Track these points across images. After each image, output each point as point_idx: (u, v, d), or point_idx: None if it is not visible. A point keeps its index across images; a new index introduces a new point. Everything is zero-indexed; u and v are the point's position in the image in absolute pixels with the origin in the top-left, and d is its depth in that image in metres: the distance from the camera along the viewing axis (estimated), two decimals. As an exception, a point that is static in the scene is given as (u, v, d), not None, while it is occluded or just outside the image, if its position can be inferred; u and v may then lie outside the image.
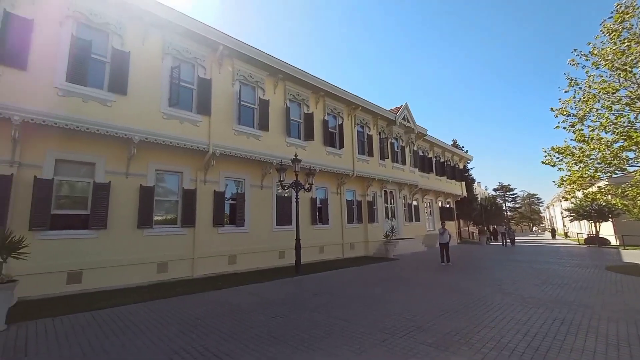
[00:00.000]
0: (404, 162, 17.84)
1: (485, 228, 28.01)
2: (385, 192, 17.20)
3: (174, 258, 8.60)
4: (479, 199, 33.33)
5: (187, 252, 8.90)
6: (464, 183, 26.89)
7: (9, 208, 6.24)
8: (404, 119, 17.58)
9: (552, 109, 10.69)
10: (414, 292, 7.06)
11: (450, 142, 28.61)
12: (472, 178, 32.52)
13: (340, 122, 14.22)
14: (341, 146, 13.89)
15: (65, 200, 7.28)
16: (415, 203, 19.96)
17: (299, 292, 7.04)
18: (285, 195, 11.85)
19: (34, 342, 4.13)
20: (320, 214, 13.19)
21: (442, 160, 23.49)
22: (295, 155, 10.15)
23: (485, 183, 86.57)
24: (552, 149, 10.91)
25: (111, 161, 7.85)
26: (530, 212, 68.85)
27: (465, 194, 26.65)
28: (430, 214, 22.60)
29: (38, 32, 6.76)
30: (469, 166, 31.39)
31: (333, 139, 13.88)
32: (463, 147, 31.15)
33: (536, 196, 69.78)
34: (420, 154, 20.54)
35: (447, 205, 24.89)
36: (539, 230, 64.87)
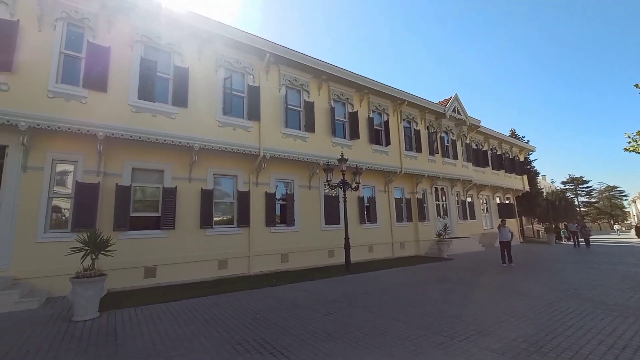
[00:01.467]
0: (455, 157, 16.85)
1: (554, 226, 25.21)
2: (436, 189, 16.43)
3: (232, 256, 9.24)
4: (545, 194, 30.12)
5: (243, 250, 9.49)
6: (525, 177, 24.45)
7: (97, 211, 7.28)
8: (454, 110, 16.59)
9: (637, 85, 9.27)
10: (472, 294, 6.66)
11: (507, 133, 26.34)
12: (535, 171, 29.46)
13: (385, 119, 13.94)
14: (387, 143, 13.60)
15: (140, 204, 8.26)
16: (469, 200, 18.74)
17: (350, 291, 7.08)
18: (333, 194, 11.97)
19: (121, 328, 4.76)
20: (368, 212, 13.08)
21: (498, 152, 21.68)
22: (342, 155, 10.22)
23: (552, 176, 77.97)
24: (639, 133, 9.47)
25: (177, 168, 8.72)
26: (610, 207, 60.24)
27: (527, 188, 24.25)
28: (487, 211, 21.01)
29: (114, 58, 7.75)
30: (531, 158, 28.55)
31: (379, 136, 13.66)
32: (523, 137, 28.43)
33: (618, 189, 60.87)
34: (474, 147, 19.20)
35: (507, 202, 22.91)
36: (623, 228, 56.11)
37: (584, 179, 55.54)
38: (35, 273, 6.54)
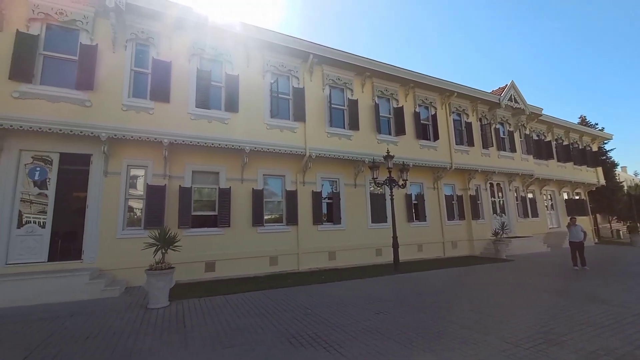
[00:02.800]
0: (513, 149, 15.49)
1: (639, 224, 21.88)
2: (491, 184, 15.29)
3: (282, 253, 9.62)
4: (625, 188, 26.29)
5: (292, 247, 9.82)
6: (599, 169, 21.51)
7: (165, 211, 8.09)
8: (510, 99, 15.25)
9: None
10: (537, 298, 6.11)
11: (576, 120, 23.47)
12: (613, 162, 25.73)
13: (433, 113, 13.33)
14: (435, 138, 12.99)
15: (199, 203, 8.99)
16: (530, 196, 17.11)
17: (400, 290, 6.94)
18: (379, 192, 11.81)
19: (188, 316, 5.24)
20: (416, 210, 12.65)
21: (565, 142, 19.43)
22: (387, 152, 10.03)
23: (636, 167, 67.70)
24: None
25: (230, 169, 9.32)
26: None
27: (602, 182, 21.33)
28: (552, 208, 18.95)
29: (175, 71, 8.52)
30: (607, 147, 25.07)
31: (426, 131, 13.12)
32: (596, 124, 25.09)
33: None
34: (535, 137, 17.47)
35: (576, 197, 20.43)
36: None
37: (677, 169, 47.33)
38: (116, 265, 7.48)
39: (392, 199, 9.94)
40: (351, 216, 11.11)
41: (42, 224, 7.08)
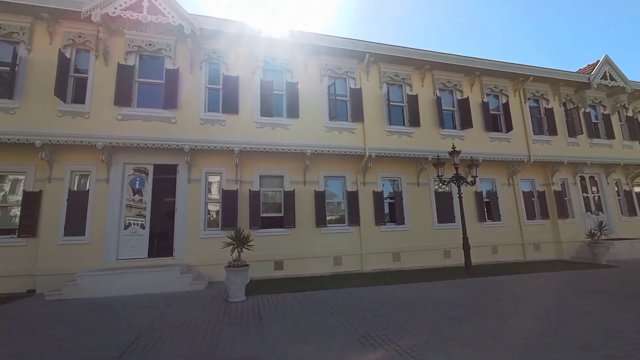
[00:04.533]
0: (609, 136, 13.20)
1: None
2: (582, 177, 13.24)
3: (345, 253, 9.73)
4: None
5: (355, 248, 9.86)
6: None
7: (238, 213, 8.85)
8: (604, 77, 13.00)
9: None
10: (655, 313, 5.10)
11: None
12: None
13: (504, 101, 12.10)
14: (508, 129, 11.77)
15: (267, 206, 9.62)
16: (638, 190, 14.33)
17: (475, 295, 6.46)
18: (445, 190, 11.16)
19: (263, 311, 5.64)
20: (488, 209, 11.62)
21: (686, 123, 15.79)
22: (453, 147, 9.44)
23: None
24: None
25: (293, 172, 9.78)
26: None
27: None
28: (670, 203, 15.56)
29: (242, 84, 9.27)
30: None
31: (496, 122, 11.98)
32: None
33: None
34: (640, 120, 14.61)
35: None
36: None
37: None
38: (200, 262, 8.43)
39: (460, 198, 9.31)
40: (415, 216, 10.70)
41: (142, 225, 8.35)
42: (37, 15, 7.93)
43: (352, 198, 10.17)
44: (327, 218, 9.92)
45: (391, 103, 10.70)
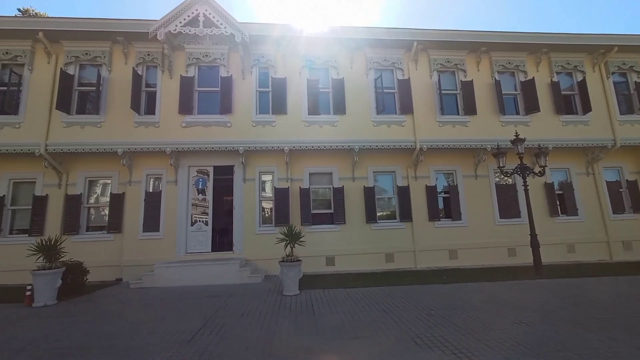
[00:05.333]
0: None
1: None
2: (689, 163, 11.01)
3: (397, 250, 9.50)
4: None
5: (408, 244, 9.56)
6: None
7: (289, 210, 9.19)
8: None
9: None
10: None
11: None
12: None
13: (579, 79, 10.59)
14: (586, 110, 10.28)
15: (317, 202, 9.81)
16: None
17: (546, 299, 5.83)
18: (508, 183, 10.21)
19: (316, 305, 5.80)
20: (562, 202, 10.33)
21: None
22: (516, 135, 8.57)
23: None
24: None
25: (342, 169, 9.81)
26: None
27: None
28: None
29: (289, 84, 9.56)
30: None
31: (570, 103, 10.58)
32: None
33: None
34: None
35: None
36: None
37: None
38: (257, 256, 8.95)
39: (526, 190, 8.42)
40: (473, 211, 9.98)
41: (205, 222, 9.14)
42: (115, 40, 9.11)
43: (403, 193, 9.86)
44: (378, 214, 9.76)
45: (443, 91, 10.08)
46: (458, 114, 10.11)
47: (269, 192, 9.60)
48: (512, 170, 8.61)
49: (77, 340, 4.31)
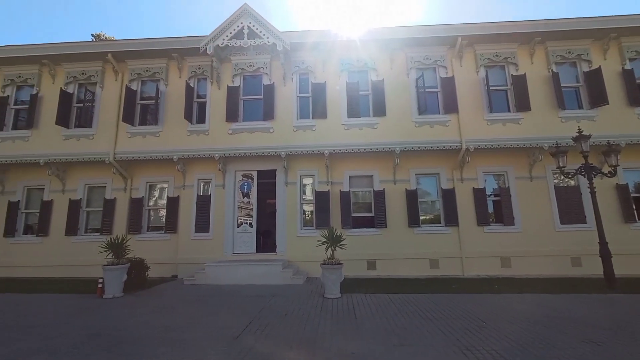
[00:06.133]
0: None
1: None
2: None
3: (442, 256, 9.07)
4: None
5: (454, 250, 9.08)
6: None
7: (330, 213, 9.26)
8: None
9: None
10: None
11: None
12: None
13: (660, 65, 9.25)
14: (669, 100, 8.95)
15: (357, 205, 9.76)
16: None
17: (621, 316, 5.16)
18: (570, 184, 9.25)
19: (358, 309, 5.75)
20: (638, 206, 9.08)
21: None
22: (579, 131, 7.74)
23: None
24: None
25: (382, 172, 9.66)
26: None
27: None
28: None
29: (329, 89, 9.68)
30: None
31: (648, 93, 9.27)
32: None
33: None
34: None
35: None
36: None
37: None
38: (299, 258, 9.14)
39: (593, 193, 7.54)
40: (528, 215, 9.19)
41: (250, 224, 9.57)
42: (170, 56, 10.00)
43: (448, 196, 9.40)
44: (421, 218, 9.43)
45: (491, 88, 9.46)
46: (509, 111, 9.41)
47: (309, 195, 9.77)
48: (575, 171, 7.78)
49: (139, 330, 4.77)
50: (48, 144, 9.75)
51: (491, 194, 9.61)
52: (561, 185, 9.40)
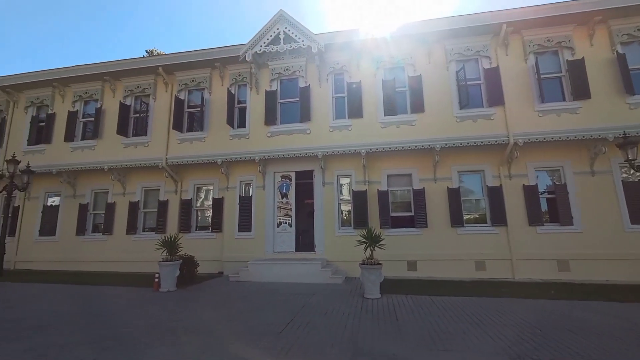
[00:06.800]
0: None
1: None
2: None
3: (489, 257, 8.56)
4: None
5: (502, 252, 8.52)
6: None
7: (368, 213, 9.19)
8: None
9: None
10: None
11: None
12: None
13: None
14: None
15: (395, 205, 9.57)
16: None
17: None
18: (641, 180, 8.21)
19: (399, 311, 5.64)
20: None
21: None
22: (653, 120, 6.83)
23: None
24: None
25: (422, 170, 9.37)
26: None
27: None
28: None
29: (364, 87, 9.61)
30: None
31: None
32: None
33: None
34: None
35: None
36: None
37: None
38: (337, 258, 9.19)
39: (671, 189, 6.63)
40: (589, 214, 8.33)
41: (289, 224, 9.84)
42: (213, 66, 10.62)
43: (495, 194, 8.84)
44: (464, 217, 8.98)
45: (542, 76, 8.71)
46: (563, 100, 8.60)
47: (346, 195, 9.78)
48: (647, 164, 6.91)
49: (190, 321, 5.15)
50: (110, 152, 10.88)
51: (544, 192, 8.86)
52: (630, 180, 8.37)
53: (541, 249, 8.36)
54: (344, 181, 9.86)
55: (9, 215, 10.99)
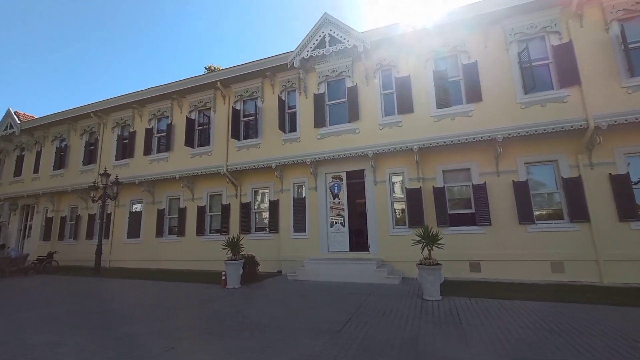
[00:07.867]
0: None
1: None
2: None
3: (568, 258, 7.60)
4: None
5: (585, 252, 7.51)
6: None
7: (423, 211, 8.84)
8: None
9: None
10: None
11: None
12: None
13: None
14: None
15: (453, 202, 9.04)
16: None
17: None
18: None
19: (462, 314, 5.33)
20: None
21: None
22: None
23: None
24: None
25: (482, 163, 8.71)
26: None
27: None
28: None
29: (414, 81, 9.28)
30: None
31: None
32: None
33: None
34: None
35: None
36: None
37: None
38: (392, 258, 9.01)
39: None
40: None
41: (342, 224, 9.92)
42: (264, 75, 11.23)
43: (573, 186, 7.82)
44: (535, 213, 8.11)
45: (631, 46, 7.45)
46: (662, 72, 7.26)
47: (399, 193, 9.52)
48: None
49: (254, 317, 5.53)
50: (180, 162, 12.17)
51: (638, 181, 7.57)
52: None
53: (636, 248, 7.16)
54: (396, 179, 9.62)
55: (104, 221, 12.97)
